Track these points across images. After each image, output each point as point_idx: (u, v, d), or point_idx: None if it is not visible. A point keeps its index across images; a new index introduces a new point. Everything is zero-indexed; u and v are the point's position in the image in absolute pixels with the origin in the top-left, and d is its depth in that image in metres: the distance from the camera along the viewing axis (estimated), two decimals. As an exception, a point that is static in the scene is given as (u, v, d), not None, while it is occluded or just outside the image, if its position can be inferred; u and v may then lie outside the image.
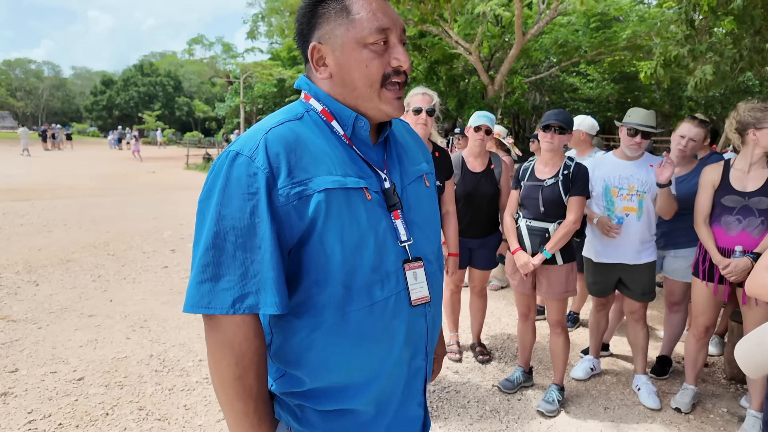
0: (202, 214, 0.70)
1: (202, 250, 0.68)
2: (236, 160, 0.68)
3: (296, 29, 0.79)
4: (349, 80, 0.75)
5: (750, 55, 4.14)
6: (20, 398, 2.19)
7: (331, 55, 0.74)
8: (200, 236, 0.69)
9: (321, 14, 0.75)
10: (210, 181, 0.70)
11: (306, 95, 0.79)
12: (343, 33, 0.73)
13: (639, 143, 2.24)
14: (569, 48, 12.91)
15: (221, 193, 0.67)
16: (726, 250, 2.06)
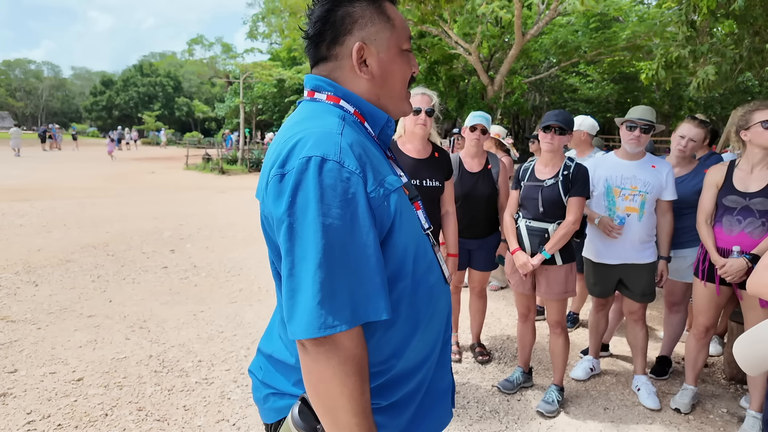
0: (298, 229, 0.63)
1: (313, 268, 0.62)
2: (325, 166, 0.64)
3: (318, 27, 0.76)
4: (391, 82, 0.79)
5: (750, 55, 4.15)
6: (19, 399, 2.19)
7: (375, 57, 0.76)
8: (305, 252, 0.63)
9: (360, 14, 0.75)
10: (296, 192, 0.63)
11: (331, 96, 0.77)
12: (388, 36, 0.77)
13: (638, 137, 2.23)
14: (569, 48, 12.92)
15: (318, 203, 0.63)
16: (725, 250, 2.06)
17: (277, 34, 12.39)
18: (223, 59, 22.12)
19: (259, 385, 0.84)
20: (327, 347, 0.63)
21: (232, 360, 2.66)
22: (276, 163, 0.68)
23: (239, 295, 3.71)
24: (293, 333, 0.64)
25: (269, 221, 0.71)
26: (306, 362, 0.65)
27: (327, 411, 0.65)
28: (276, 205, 0.65)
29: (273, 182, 0.66)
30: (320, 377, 0.64)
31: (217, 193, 9.99)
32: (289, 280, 0.65)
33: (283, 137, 0.72)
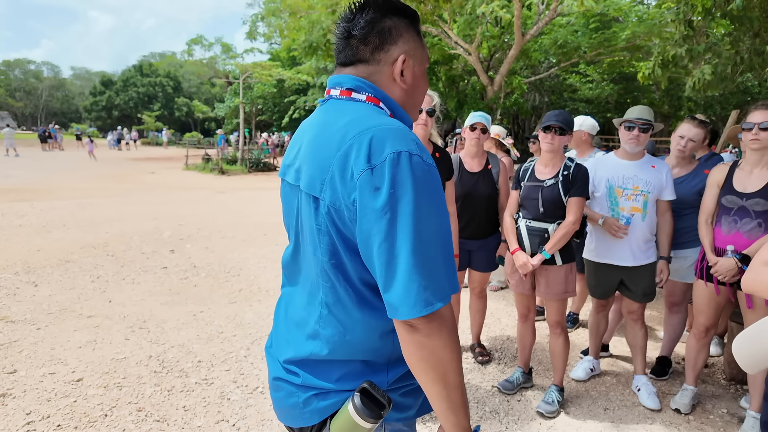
0: (399, 217, 0.68)
1: (419, 251, 0.68)
2: (412, 160, 0.70)
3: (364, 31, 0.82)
4: (417, 94, 0.89)
5: (750, 57, 4.15)
6: (19, 399, 2.19)
7: (411, 70, 0.85)
8: (409, 238, 0.68)
9: (405, 29, 0.84)
10: (394, 183, 0.69)
11: (371, 98, 0.83)
12: (421, 54, 0.87)
13: (637, 137, 2.24)
14: (568, 49, 12.93)
15: (414, 193, 0.69)
16: (722, 250, 2.07)
17: (276, 35, 12.38)
18: (223, 59, 22.10)
19: (296, 390, 0.84)
20: (437, 322, 0.70)
21: (232, 360, 2.65)
22: (354, 156, 0.72)
23: (239, 296, 3.71)
24: (407, 313, 0.68)
25: (341, 213, 0.74)
26: (417, 340, 0.70)
27: (439, 377, 0.71)
28: (373, 196, 0.69)
29: (364, 177, 0.70)
30: (433, 349, 0.70)
31: (217, 193, 9.99)
32: (394, 266, 0.69)
33: (346, 133, 0.75)
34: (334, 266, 0.77)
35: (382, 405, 0.75)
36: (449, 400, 0.72)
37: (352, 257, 0.76)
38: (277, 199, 9.12)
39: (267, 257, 4.81)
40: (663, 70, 4.28)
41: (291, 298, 0.90)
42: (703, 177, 2.41)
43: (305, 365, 0.83)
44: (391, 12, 0.83)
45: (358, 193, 0.70)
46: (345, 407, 0.76)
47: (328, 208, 0.75)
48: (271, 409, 2.20)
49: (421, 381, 0.72)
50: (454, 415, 0.73)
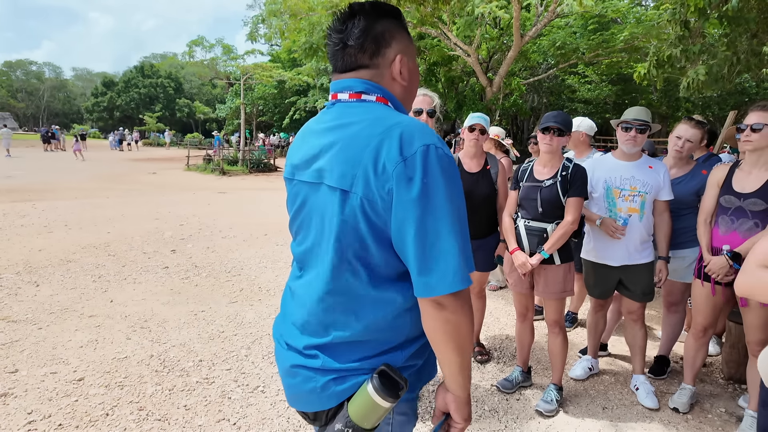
0: (433, 203, 0.76)
1: (452, 234, 0.76)
2: (438, 152, 0.78)
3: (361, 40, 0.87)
4: (413, 88, 0.96)
5: (747, 57, 4.16)
6: (20, 399, 2.20)
7: (406, 67, 0.92)
8: (442, 222, 0.76)
9: (396, 31, 0.90)
10: (426, 173, 0.76)
11: (380, 98, 0.90)
12: (412, 49, 0.94)
13: (634, 137, 2.25)
14: (567, 50, 12.96)
15: (444, 181, 0.77)
16: (718, 250, 2.08)
17: (277, 36, 12.42)
18: (224, 61, 22.14)
19: (314, 375, 0.88)
20: (462, 299, 0.79)
21: (233, 360, 2.67)
22: (385, 151, 0.78)
23: (240, 295, 3.72)
24: (445, 290, 0.76)
25: (374, 204, 0.79)
26: (443, 315, 0.78)
27: (457, 347, 0.80)
28: (407, 186, 0.76)
29: (399, 168, 0.76)
30: (457, 324, 0.79)
31: (218, 193, 10.01)
32: (429, 249, 0.76)
33: (373, 131, 0.81)
34: (359, 254, 0.82)
35: (399, 385, 0.81)
36: (461, 365, 0.82)
37: (379, 245, 0.81)
38: (277, 200, 9.14)
39: (268, 257, 4.83)
40: (658, 71, 4.29)
41: (306, 288, 0.92)
42: (701, 177, 2.43)
43: (325, 349, 0.88)
44: (379, 16, 0.89)
45: (394, 183, 0.76)
46: (363, 388, 0.81)
47: (360, 200, 0.80)
48: (272, 408, 2.21)
49: (442, 350, 0.81)
50: (462, 378, 0.84)
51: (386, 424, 0.87)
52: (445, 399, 0.86)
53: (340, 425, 0.83)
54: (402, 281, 0.84)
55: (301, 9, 10.26)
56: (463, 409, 0.85)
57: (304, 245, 0.93)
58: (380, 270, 0.83)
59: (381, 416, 0.81)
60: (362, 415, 0.81)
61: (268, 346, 2.85)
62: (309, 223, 0.91)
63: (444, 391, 0.87)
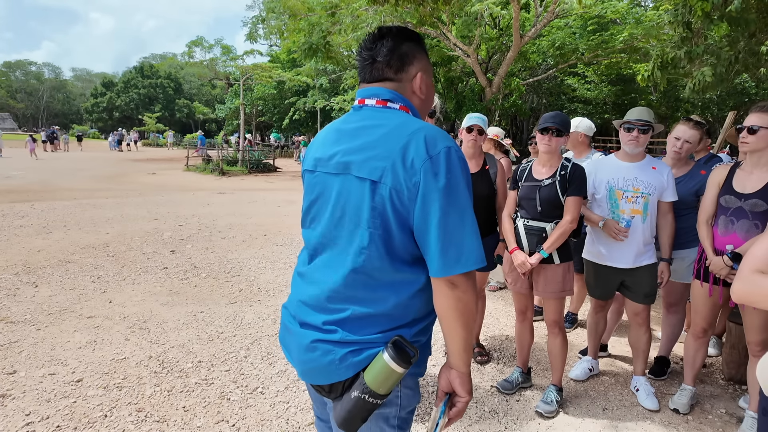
0: (456, 194, 0.90)
1: (470, 221, 0.91)
2: (458, 153, 0.93)
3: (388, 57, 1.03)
4: (429, 101, 1.11)
5: (745, 57, 4.17)
6: (18, 400, 2.19)
7: (425, 83, 1.07)
8: (463, 210, 0.91)
9: (418, 51, 1.06)
10: (449, 169, 0.90)
11: (403, 107, 1.03)
12: (430, 69, 1.09)
13: (637, 138, 2.24)
14: (566, 50, 12.97)
15: (463, 177, 0.92)
16: (719, 251, 2.07)
17: (276, 36, 12.44)
18: (223, 61, 22.13)
19: (333, 347, 0.96)
20: (472, 279, 0.92)
21: (232, 361, 2.66)
22: (413, 149, 0.91)
23: (239, 296, 3.71)
24: (460, 268, 0.89)
25: (401, 194, 0.91)
26: (455, 294, 0.91)
27: (464, 323, 0.92)
28: (435, 180, 0.89)
29: (426, 164, 0.90)
30: (467, 302, 0.91)
31: (217, 194, 10.00)
32: (450, 233, 0.89)
33: (401, 132, 0.94)
34: (382, 238, 0.93)
35: (411, 353, 0.92)
36: (466, 340, 0.94)
37: (401, 231, 0.93)
38: (277, 200, 9.13)
39: (267, 258, 4.82)
40: (662, 72, 4.30)
41: (325, 269, 1.01)
42: (701, 178, 2.42)
43: (344, 324, 0.97)
44: (405, 38, 1.04)
45: (421, 177, 0.89)
46: (379, 357, 0.91)
47: (389, 190, 0.91)
48: (271, 410, 2.20)
49: (452, 327, 0.93)
50: (466, 354, 0.95)
51: (395, 396, 0.97)
52: (449, 377, 0.97)
53: (357, 392, 0.92)
54: (417, 265, 0.95)
55: (300, 10, 10.27)
56: (467, 383, 0.97)
57: (319, 230, 1.03)
58: (400, 253, 0.94)
59: (395, 382, 0.91)
60: (379, 381, 0.90)
61: (267, 347, 2.85)
62: (326, 210, 1.01)
63: (447, 370, 0.98)
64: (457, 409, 0.96)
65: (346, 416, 0.93)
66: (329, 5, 9.74)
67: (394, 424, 0.99)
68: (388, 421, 0.98)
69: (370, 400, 0.90)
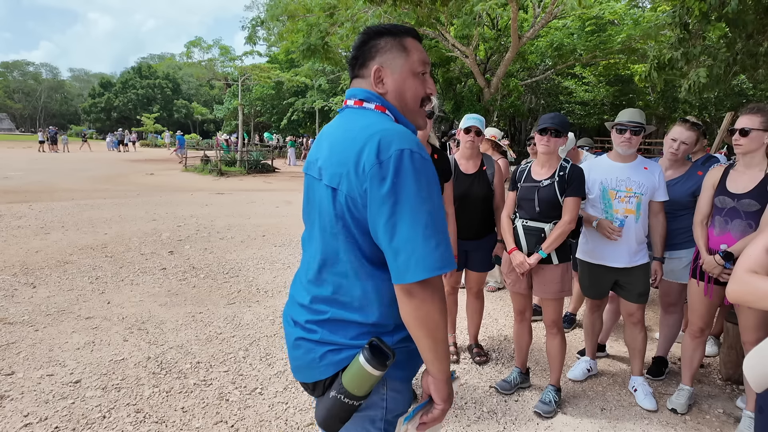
0: (403, 200, 0.84)
1: (421, 228, 0.83)
2: (413, 156, 0.86)
3: (355, 54, 1.02)
4: (404, 97, 1.02)
5: (743, 58, 4.19)
6: (16, 401, 2.18)
7: (389, 77, 1.00)
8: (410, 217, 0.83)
9: (382, 45, 1.00)
10: (398, 174, 0.85)
11: (379, 107, 0.99)
12: (401, 62, 1.01)
13: (629, 139, 2.26)
14: (564, 51, 13.01)
15: (416, 182, 0.85)
16: (714, 251, 2.09)
17: (275, 38, 12.47)
18: (222, 62, 22.13)
19: (314, 346, 0.97)
20: (431, 289, 0.86)
21: (231, 361, 2.66)
22: (366, 154, 0.87)
23: (238, 297, 3.71)
24: (410, 277, 0.83)
25: (356, 201, 0.89)
26: (414, 303, 0.86)
27: (428, 333, 0.87)
28: (380, 185, 0.85)
29: (374, 169, 0.86)
30: (427, 311, 0.86)
31: (216, 194, 9.99)
32: (397, 239, 0.84)
33: (361, 135, 0.90)
34: (349, 245, 0.93)
35: (387, 356, 0.90)
36: (436, 351, 0.90)
37: (363, 237, 0.91)
38: (275, 200, 9.13)
39: (266, 258, 4.82)
40: (659, 73, 4.32)
41: (308, 271, 1.03)
42: (697, 179, 2.44)
43: (324, 324, 0.97)
44: (376, 35, 1.00)
45: (368, 183, 0.86)
46: (356, 359, 0.90)
47: (345, 197, 0.90)
48: (270, 410, 2.20)
49: (415, 335, 0.89)
50: (439, 363, 0.91)
51: (381, 399, 0.96)
52: (426, 382, 0.95)
53: (334, 392, 0.92)
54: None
55: (298, 11, 10.28)
56: (442, 389, 0.93)
57: (308, 233, 1.05)
58: (372, 258, 0.92)
59: (371, 385, 0.90)
60: (355, 383, 0.89)
61: (266, 348, 2.85)
62: (312, 213, 1.02)
63: (426, 374, 0.95)
64: (432, 416, 0.94)
65: (326, 416, 0.93)
66: (327, 6, 9.75)
67: (380, 427, 0.97)
68: (374, 423, 0.97)
69: (347, 401, 0.90)
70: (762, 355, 0.83)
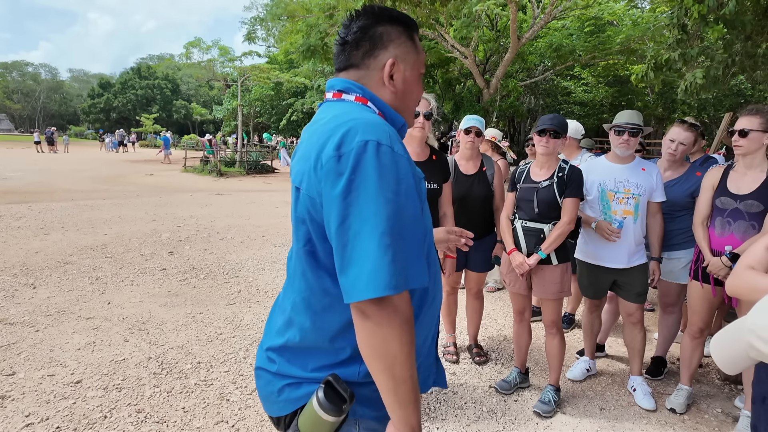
0: (359, 202, 0.68)
1: (376, 236, 0.67)
2: (380, 149, 0.71)
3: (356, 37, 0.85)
4: (409, 99, 0.91)
5: (742, 59, 4.21)
6: (18, 402, 2.19)
7: (402, 74, 0.88)
8: (366, 223, 0.68)
9: (396, 35, 0.87)
10: (356, 169, 0.69)
11: (359, 98, 0.85)
12: (414, 60, 0.90)
13: (627, 141, 2.28)
14: (564, 52, 13.04)
15: (378, 179, 0.69)
16: (717, 252, 2.10)
17: (275, 39, 12.51)
18: (221, 62, 22.15)
19: (272, 378, 0.86)
20: (389, 311, 0.69)
21: (231, 362, 2.67)
22: (327, 147, 0.73)
23: (238, 297, 3.72)
24: (359, 294, 0.67)
25: (314, 201, 0.75)
26: (368, 326, 0.69)
27: (385, 368, 0.70)
28: (334, 182, 0.70)
29: (330, 163, 0.71)
30: (383, 338, 0.69)
31: (215, 195, 9.99)
32: (350, 249, 0.69)
33: (327, 127, 0.77)
34: (307, 253, 0.79)
35: (344, 399, 0.75)
36: (396, 392, 0.71)
37: (323, 244, 0.76)
38: (275, 201, 9.14)
39: (265, 259, 4.82)
40: (656, 73, 4.34)
41: (285, 288, 0.93)
42: (696, 179, 2.45)
43: (282, 352, 0.86)
44: (384, 20, 0.86)
45: (323, 178, 0.72)
46: (311, 400, 0.76)
47: (305, 197, 0.77)
48: (270, 410, 2.21)
49: (371, 369, 0.72)
50: (400, 409, 0.72)
51: None
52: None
53: None
54: None
55: (298, 11, 10.29)
56: None
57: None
58: (330, 272, 0.77)
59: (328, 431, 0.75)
60: (309, 428, 0.76)
61: (266, 348, 2.85)
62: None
63: (390, 422, 0.76)
64: None
65: None
66: (327, 7, 9.77)
67: None
68: None
69: None
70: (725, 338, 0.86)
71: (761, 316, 0.78)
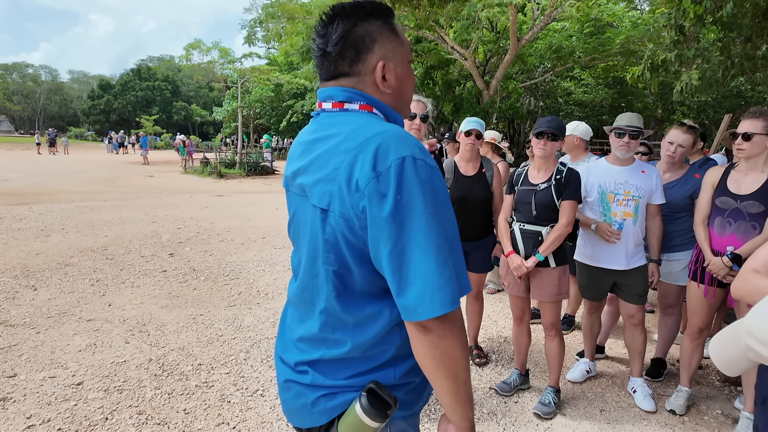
0: (409, 221, 0.69)
1: (432, 253, 0.69)
2: (417, 164, 0.72)
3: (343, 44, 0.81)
4: (405, 93, 0.88)
5: (741, 61, 4.22)
6: (19, 403, 2.19)
7: (393, 72, 0.84)
8: (419, 241, 0.69)
9: (378, 33, 0.82)
10: (400, 188, 0.70)
11: (364, 105, 0.83)
12: (401, 52, 0.85)
13: (627, 143, 2.29)
14: (563, 53, 13.07)
15: (422, 196, 0.70)
16: (718, 252, 2.10)
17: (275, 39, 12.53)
18: (221, 64, 22.18)
19: (305, 390, 0.86)
20: (450, 322, 0.72)
21: (232, 363, 2.67)
22: (360, 166, 0.72)
23: (238, 299, 3.72)
24: (423, 315, 0.69)
25: (351, 223, 0.74)
26: (430, 340, 0.72)
27: (450, 374, 0.74)
28: (379, 204, 0.70)
29: (371, 185, 0.71)
30: (446, 349, 0.72)
31: (216, 196, 10.00)
32: (406, 269, 0.70)
33: (350, 144, 0.75)
34: (341, 274, 0.79)
35: (388, 404, 0.77)
36: (458, 394, 0.75)
37: (360, 265, 0.77)
38: (275, 203, 9.14)
39: (266, 260, 4.83)
40: (652, 74, 4.35)
41: (298, 303, 0.91)
42: (695, 181, 2.46)
43: (316, 366, 0.86)
44: (360, 18, 0.82)
45: (366, 201, 0.71)
46: (352, 407, 0.78)
47: (338, 219, 0.75)
48: (271, 412, 2.22)
49: (432, 377, 0.75)
50: (461, 408, 0.77)
51: None
52: (446, 430, 0.81)
53: None
54: (389, 296, 0.78)
55: (298, 13, 10.31)
56: None
57: (297, 257, 0.92)
58: (365, 289, 0.79)
59: None
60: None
61: (267, 350, 2.86)
62: (299, 236, 0.89)
63: (446, 422, 0.81)
64: None
65: None
66: (328, 9, 9.75)
67: None
68: None
69: None
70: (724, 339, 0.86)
71: (759, 318, 0.79)
